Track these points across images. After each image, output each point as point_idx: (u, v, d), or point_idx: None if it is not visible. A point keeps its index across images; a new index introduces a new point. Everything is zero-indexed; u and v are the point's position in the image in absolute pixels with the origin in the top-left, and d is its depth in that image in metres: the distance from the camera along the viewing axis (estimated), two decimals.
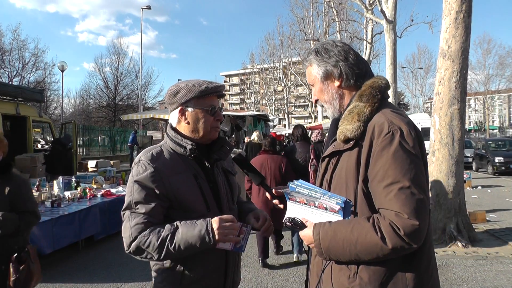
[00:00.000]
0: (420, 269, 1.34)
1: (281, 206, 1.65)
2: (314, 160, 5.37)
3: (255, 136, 8.80)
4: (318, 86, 1.57)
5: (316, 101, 1.63)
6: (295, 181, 1.48)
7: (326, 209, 1.38)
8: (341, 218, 1.35)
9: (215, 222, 1.54)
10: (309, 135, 8.12)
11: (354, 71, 1.50)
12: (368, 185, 1.34)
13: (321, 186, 1.52)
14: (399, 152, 1.28)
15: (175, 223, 1.56)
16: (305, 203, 1.45)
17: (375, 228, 1.25)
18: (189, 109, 1.70)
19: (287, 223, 1.47)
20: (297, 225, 1.45)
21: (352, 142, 1.39)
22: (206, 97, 1.70)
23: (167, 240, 1.52)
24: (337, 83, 1.52)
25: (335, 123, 1.55)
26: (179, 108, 1.70)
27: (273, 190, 1.65)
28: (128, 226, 1.56)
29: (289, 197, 1.51)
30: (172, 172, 1.62)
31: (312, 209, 1.43)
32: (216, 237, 1.52)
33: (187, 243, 1.52)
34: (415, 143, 1.32)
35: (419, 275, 1.33)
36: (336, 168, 1.45)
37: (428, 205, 1.29)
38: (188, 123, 1.71)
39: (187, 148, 1.67)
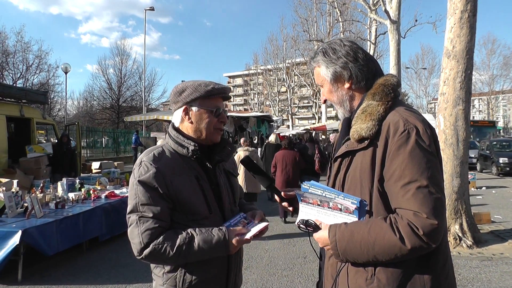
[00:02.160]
0: (437, 269, 1.32)
1: (290, 208, 1.63)
2: (319, 154, 9.02)
3: (272, 138, 11.00)
4: (327, 87, 1.54)
5: (325, 101, 1.60)
6: (307, 182, 1.45)
7: (340, 210, 1.35)
8: (356, 219, 1.32)
9: (233, 240, 1.57)
10: (313, 134, 13.17)
11: (364, 72, 1.47)
12: (384, 185, 1.32)
13: (333, 186, 1.49)
14: (416, 151, 1.26)
15: (189, 231, 1.55)
16: (318, 204, 1.41)
17: (393, 228, 1.23)
18: (194, 109, 1.68)
19: (300, 225, 1.43)
20: (311, 227, 1.41)
21: (366, 142, 1.36)
22: (211, 98, 1.68)
23: (183, 249, 1.52)
24: (347, 85, 1.50)
25: (347, 122, 1.52)
26: (184, 107, 1.68)
27: (282, 193, 1.63)
28: (138, 232, 1.53)
29: (301, 198, 1.47)
30: (174, 173, 1.59)
31: (325, 210, 1.40)
32: (231, 252, 1.60)
33: (203, 253, 1.54)
34: (431, 142, 1.30)
35: (436, 275, 1.31)
36: (349, 168, 1.42)
37: (445, 204, 1.27)
38: (191, 122, 1.69)
39: (189, 149, 1.64)
